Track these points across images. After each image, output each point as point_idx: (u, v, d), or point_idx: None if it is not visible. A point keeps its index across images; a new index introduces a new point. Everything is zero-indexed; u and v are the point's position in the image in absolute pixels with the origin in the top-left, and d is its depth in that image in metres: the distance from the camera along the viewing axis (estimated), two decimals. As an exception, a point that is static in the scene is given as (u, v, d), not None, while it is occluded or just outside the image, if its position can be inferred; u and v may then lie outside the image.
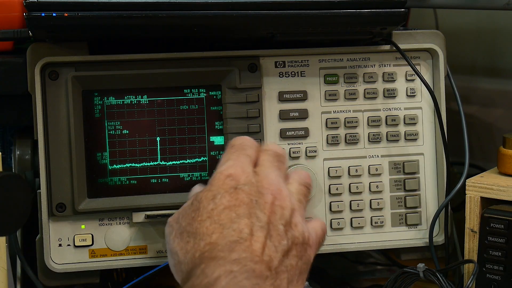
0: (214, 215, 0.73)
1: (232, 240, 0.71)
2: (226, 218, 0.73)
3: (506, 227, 0.91)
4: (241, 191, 0.75)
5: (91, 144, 0.94)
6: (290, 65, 0.99)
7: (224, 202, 0.74)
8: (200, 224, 0.73)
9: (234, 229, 0.72)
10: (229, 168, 0.78)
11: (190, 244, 0.73)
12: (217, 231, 0.72)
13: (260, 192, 0.75)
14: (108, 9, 0.87)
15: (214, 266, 0.68)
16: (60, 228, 0.95)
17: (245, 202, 0.74)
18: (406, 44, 1.00)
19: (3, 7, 0.97)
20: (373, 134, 1.00)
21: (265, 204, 0.74)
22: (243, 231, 0.71)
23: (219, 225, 0.72)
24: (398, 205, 1.01)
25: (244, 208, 0.73)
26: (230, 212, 0.73)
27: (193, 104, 0.96)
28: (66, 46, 0.93)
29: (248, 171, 0.78)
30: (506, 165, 0.97)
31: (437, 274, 0.90)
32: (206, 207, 0.74)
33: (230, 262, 0.68)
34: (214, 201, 0.75)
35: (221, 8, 0.88)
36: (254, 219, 0.73)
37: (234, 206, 0.74)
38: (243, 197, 0.74)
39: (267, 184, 0.77)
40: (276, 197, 0.76)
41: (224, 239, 0.71)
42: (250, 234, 0.71)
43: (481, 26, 1.41)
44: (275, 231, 0.73)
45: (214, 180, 0.77)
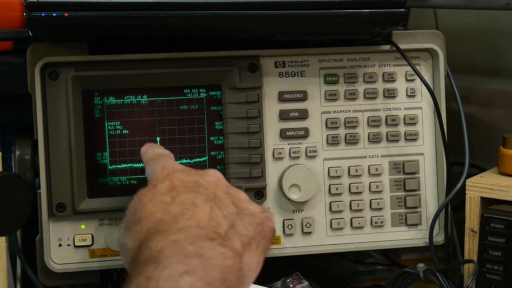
0: (156, 198, 0.71)
1: (177, 213, 0.68)
2: (168, 197, 0.71)
3: (506, 227, 0.91)
4: (180, 174, 0.74)
5: (91, 144, 0.94)
6: (290, 65, 0.99)
7: (164, 186, 0.72)
8: (143, 209, 0.71)
9: (177, 202, 0.70)
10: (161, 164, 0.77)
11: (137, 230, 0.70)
12: (160, 209, 0.69)
13: (200, 175, 0.74)
14: (108, 9, 0.87)
15: (158, 239, 0.65)
16: (60, 228, 0.95)
17: (185, 183, 0.72)
18: (406, 44, 1.00)
19: (3, 7, 0.97)
20: (373, 134, 1.00)
21: (208, 184, 0.73)
22: (185, 203, 0.69)
23: (161, 203, 0.70)
24: (398, 205, 1.01)
25: (185, 187, 0.72)
26: (171, 192, 0.71)
27: (193, 104, 0.96)
28: (66, 46, 0.93)
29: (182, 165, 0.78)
30: (506, 165, 0.97)
31: (437, 274, 0.90)
32: (146, 194, 0.72)
33: (173, 232, 0.66)
34: (154, 188, 0.72)
35: (221, 8, 0.88)
36: (196, 193, 0.71)
37: (175, 186, 0.72)
38: (183, 179, 0.73)
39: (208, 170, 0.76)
40: (219, 178, 0.75)
41: (168, 214, 0.69)
42: (194, 205, 0.69)
43: (481, 26, 1.41)
44: (222, 202, 0.72)
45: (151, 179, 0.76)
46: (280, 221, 0.99)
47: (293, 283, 0.97)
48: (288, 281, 0.98)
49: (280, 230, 0.99)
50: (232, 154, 0.96)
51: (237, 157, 0.96)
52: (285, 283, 0.98)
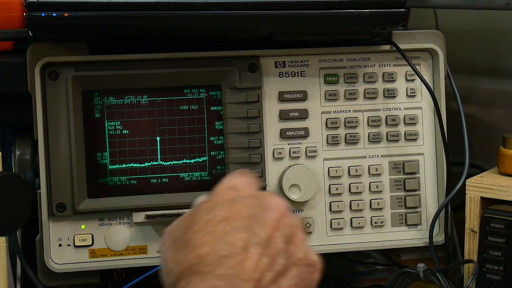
0: (209, 226, 0.69)
1: (222, 255, 0.66)
2: (221, 230, 0.68)
3: (506, 227, 0.91)
4: (242, 203, 0.70)
5: (91, 144, 0.94)
6: (290, 65, 0.99)
7: (223, 213, 0.69)
8: (194, 235, 0.69)
9: (227, 242, 0.67)
10: (232, 180, 0.73)
11: (180, 255, 0.69)
12: (209, 243, 0.67)
13: (263, 207, 0.70)
14: (108, 9, 0.87)
15: (198, 282, 0.64)
16: (60, 228, 0.95)
17: (244, 215, 0.69)
18: (406, 44, 1.00)
19: (3, 7, 0.97)
20: (373, 134, 1.00)
21: (268, 220, 0.69)
22: (236, 245, 0.67)
23: (212, 237, 0.68)
24: (398, 205, 1.01)
25: (242, 222, 0.68)
26: (227, 224, 0.68)
27: (193, 104, 0.96)
28: (66, 46, 0.93)
29: (252, 186, 0.73)
30: (506, 165, 0.97)
31: (437, 274, 0.90)
32: (202, 217, 0.70)
33: (215, 277, 0.64)
34: (211, 212, 0.70)
35: (221, 8, 0.88)
36: (250, 234, 0.68)
37: (232, 218, 0.69)
38: (242, 210, 0.69)
39: (274, 201, 0.71)
40: (282, 215, 0.70)
41: (214, 253, 0.67)
42: (244, 249, 0.67)
43: (481, 26, 1.41)
44: (274, 249, 0.68)
45: (215, 191, 0.73)
46: (280, 221, 0.98)
47: (293, 283, 0.97)
48: (288, 281, 0.97)
49: (280, 230, 0.99)
50: (232, 154, 0.96)
51: (237, 157, 0.96)
52: (285, 283, 0.97)
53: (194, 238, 0.68)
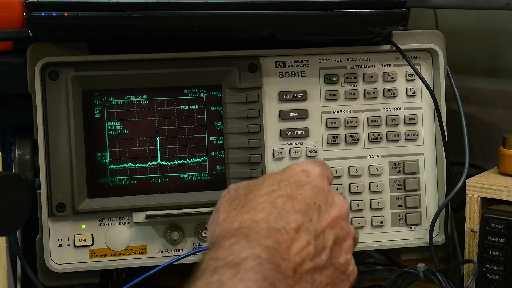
0: (272, 196, 0.70)
1: (274, 227, 0.67)
2: (281, 204, 0.69)
3: (506, 227, 0.91)
4: (309, 190, 0.71)
5: (91, 144, 0.94)
6: (290, 65, 0.99)
7: (288, 190, 0.70)
8: (255, 198, 0.70)
9: (282, 217, 0.68)
10: (308, 165, 0.74)
11: (235, 211, 0.70)
12: (265, 211, 0.68)
13: (328, 202, 0.71)
14: (108, 9, 0.87)
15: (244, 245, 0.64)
16: (60, 228, 0.95)
17: (307, 201, 0.70)
18: (406, 44, 1.00)
19: (3, 7, 0.97)
20: (373, 134, 1.00)
21: (326, 215, 0.70)
22: (290, 224, 0.67)
23: (271, 206, 0.69)
24: (398, 205, 1.01)
25: (303, 205, 0.69)
26: (288, 201, 0.69)
27: (193, 104, 0.96)
28: (66, 46, 0.93)
29: (324, 181, 0.74)
30: (506, 165, 0.97)
31: (437, 274, 0.90)
32: (269, 185, 0.71)
33: (261, 246, 0.64)
34: (279, 184, 0.71)
35: (221, 8, 0.88)
36: (307, 219, 0.68)
37: (295, 199, 0.69)
38: (308, 195, 0.70)
39: (340, 201, 0.72)
40: (341, 216, 0.71)
41: (267, 223, 0.67)
42: (295, 230, 0.67)
43: (481, 26, 1.41)
44: (322, 242, 0.69)
45: (288, 169, 0.74)
46: (280, 221, 0.98)
47: (293, 283, 0.97)
48: (288, 281, 0.97)
49: (280, 230, 0.99)
50: (232, 154, 0.96)
51: (237, 157, 0.96)
52: (285, 283, 0.97)
53: (254, 200, 0.70)
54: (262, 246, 0.65)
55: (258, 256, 0.63)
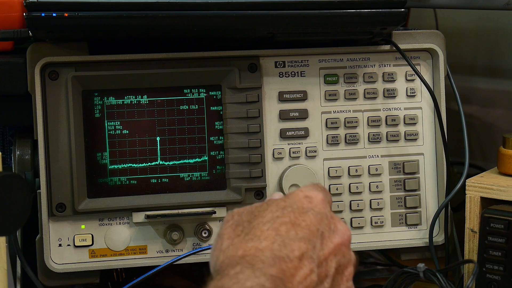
0: (276, 223, 0.70)
1: (278, 255, 0.67)
2: (285, 232, 0.69)
3: (506, 227, 0.91)
4: (312, 216, 0.71)
5: (91, 144, 0.94)
6: (290, 65, 0.99)
7: (291, 217, 0.71)
8: (259, 225, 0.70)
9: (287, 245, 0.68)
10: (310, 191, 0.75)
11: (239, 238, 0.70)
12: (270, 239, 0.69)
13: (330, 228, 0.72)
14: (108, 9, 0.87)
15: (249, 275, 0.65)
16: (60, 228, 0.95)
17: (310, 228, 0.70)
18: (406, 44, 1.00)
19: (3, 7, 0.97)
20: (373, 134, 1.00)
21: (329, 242, 0.71)
22: (294, 252, 0.68)
23: (275, 234, 0.69)
24: (398, 205, 1.01)
25: (306, 233, 0.70)
26: (292, 229, 0.70)
27: (193, 104, 0.96)
28: (66, 46, 0.93)
29: (326, 207, 0.74)
30: (506, 165, 0.97)
31: (437, 274, 0.90)
32: (273, 211, 0.72)
33: (266, 276, 0.65)
34: (282, 211, 0.71)
35: (221, 8, 0.88)
36: (310, 246, 0.69)
37: (299, 226, 0.70)
38: (311, 222, 0.71)
39: (342, 228, 0.73)
40: (344, 243, 0.72)
41: (271, 251, 0.68)
42: (299, 259, 0.68)
43: (481, 26, 1.41)
44: (325, 270, 0.70)
45: (291, 194, 0.75)
46: (280, 221, 0.99)
47: (293, 283, 0.97)
48: (288, 281, 0.97)
49: (280, 230, 0.99)
50: (232, 154, 0.96)
51: (237, 157, 0.96)
52: (285, 283, 0.97)
53: (258, 228, 0.70)
54: (267, 276, 0.65)
55: (263, 285, 0.64)
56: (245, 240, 0.70)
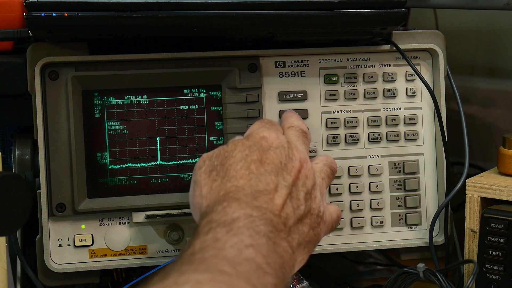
0: (247, 161, 0.78)
1: (258, 189, 0.75)
2: (256, 169, 0.77)
3: (506, 227, 0.91)
4: (273, 152, 0.79)
5: (91, 144, 0.94)
6: (290, 65, 0.99)
7: (258, 155, 0.78)
8: (232, 166, 0.78)
9: (261, 180, 0.76)
10: (263, 132, 0.82)
11: (216, 183, 0.77)
12: (245, 177, 0.76)
13: (290, 157, 0.79)
14: (108, 9, 0.87)
15: (236, 207, 0.72)
16: (60, 228, 0.95)
17: (275, 162, 0.78)
18: (406, 44, 1.00)
19: (3, 7, 0.97)
20: (373, 134, 1.00)
21: (293, 168, 0.78)
22: (269, 184, 0.76)
23: (248, 172, 0.77)
24: (398, 205, 1.01)
25: (273, 167, 0.77)
26: (261, 166, 0.77)
27: (193, 104, 0.96)
28: (66, 46, 0.93)
29: (280, 138, 0.81)
30: (506, 165, 0.97)
31: (437, 274, 0.90)
32: (241, 151, 0.79)
33: (251, 207, 0.72)
34: (249, 149, 0.79)
35: (221, 8, 0.88)
36: (280, 178, 0.77)
37: (265, 163, 0.78)
38: (273, 158, 0.78)
39: (297, 152, 0.80)
40: (302, 166, 0.80)
41: (250, 187, 0.75)
42: (275, 189, 0.76)
43: (481, 26, 1.41)
44: (296, 195, 0.77)
45: (250, 136, 0.81)
46: (280, 221, 0.98)
47: (293, 283, 0.97)
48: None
49: (280, 230, 0.98)
50: (232, 154, 0.96)
51: (237, 157, 0.96)
52: (285, 283, 0.97)
53: (232, 168, 0.78)
54: (252, 206, 0.72)
55: (250, 215, 0.71)
56: (223, 183, 0.76)
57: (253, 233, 0.69)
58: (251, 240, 0.68)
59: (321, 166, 0.86)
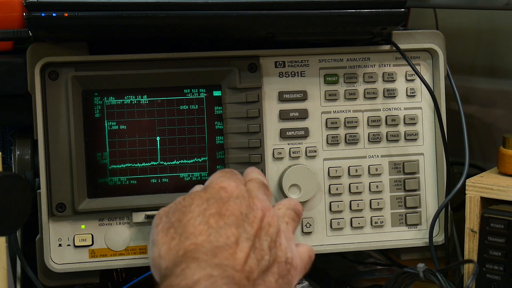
0: (205, 216, 0.75)
1: (217, 245, 0.72)
2: (215, 223, 0.74)
3: (506, 227, 0.91)
4: (233, 203, 0.76)
5: (91, 144, 0.94)
6: (290, 65, 0.99)
7: (216, 208, 0.75)
8: (190, 222, 0.74)
9: (221, 234, 0.73)
10: (223, 182, 0.79)
11: (175, 241, 0.74)
12: (204, 233, 0.73)
13: (251, 207, 0.77)
14: (108, 9, 0.87)
15: (195, 268, 0.68)
16: (60, 228, 0.95)
17: (235, 213, 0.75)
18: (406, 44, 1.00)
19: (3, 7, 0.97)
20: (373, 134, 1.00)
21: (254, 218, 0.76)
22: (230, 238, 0.73)
23: (207, 227, 0.73)
24: (398, 205, 1.01)
25: (233, 219, 0.75)
26: (220, 219, 0.74)
27: (193, 104, 0.96)
28: (66, 46, 0.93)
29: (240, 187, 0.79)
30: (506, 165, 0.97)
31: (437, 274, 0.90)
32: (199, 205, 0.76)
33: (212, 266, 0.69)
34: (207, 203, 0.76)
35: (221, 8, 0.88)
36: (241, 230, 0.74)
37: (224, 215, 0.75)
38: (233, 209, 0.76)
39: (258, 201, 0.78)
40: (265, 214, 0.77)
41: (209, 243, 0.72)
42: (236, 243, 0.72)
43: (481, 26, 1.41)
44: (260, 245, 0.74)
45: (209, 187, 0.79)
46: (280, 221, 0.98)
47: (293, 283, 0.97)
48: (288, 281, 0.97)
49: (280, 230, 0.99)
50: (232, 154, 0.96)
51: (237, 157, 0.96)
52: (285, 283, 0.97)
53: (190, 224, 0.74)
54: (212, 266, 0.69)
55: (211, 275, 0.67)
56: (181, 241, 0.73)
57: None
58: None
59: (284, 211, 0.83)
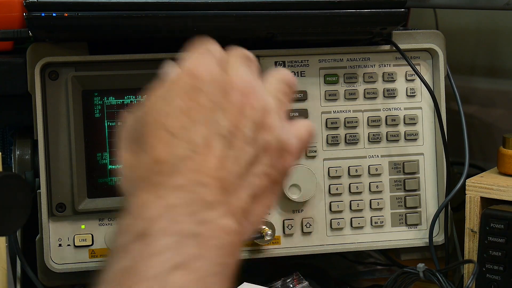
0: (162, 117, 0.58)
1: (181, 156, 0.55)
2: (178, 125, 0.57)
3: (506, 227, 0.91)
4: (202, 91, 0.58)
5: (91, 144, 0.94)
6: (290, 65, 0.99)
7: (180, 103, 0.58)
8: (147, 128, 0.58)
9: (185, 139, 0.56)
10: (189, 64, 0.62)
11: (136, 157, 0.58)
12: (163, 140, 0.56)
13: (226, 91, 0.59)
14: (108, 9, 0.87)
15: (152, 201, 0.54)
16: (60, 228, 0.95)
17: (205, 105, 0.58)
18: (406, 44, 1.00)
19: (3, 7, 0.97)
20: (373, 134, 1.00)
21: (231, 105, 0.58)
22: (196, 142, 0.56)
23: (167, 132, 0.56)
24: (398, 205, 1.01)
25: (202, 113, 0.57)
26: (184, 117, 0.57)
27: (193, 104, 0.96)
28: (66, 46, 0.93)
29: (213, 69, 0.61)
30: (506, 165, 0.97)
31: (437, 274, 0.90)
32: (158, 109, 0.59)
33: (172, 190, 0.54)
34: (165, 101, 0.59)
35: (221, 8, 0.88)
36: (213, 126, 0.57)
37: (190, 109, 0.57)
38: (203, 100, 0.58)
39: (237, 81, 0.60)
40: (246, 96, 0.59)
41: (171, 154, 0.56)
42: (205, 146, 0.56)
43: (481, 26, 1.41)
44: (240, 137, 0.58)
45: (176, 79, 0.62)
46: (280, 221, 0.99)
47: (293, 283, 0.97)
48: (288, 281, 0.98)
49: (280, 230, 0.99)
50: (232, 154, 0.96)
51: (237, 157, 0.96)
52: (285, 283, 0.98)
53: (148, 133, 0.57)
54: (172, 189, 0.54)
55: (172, 205, 0.53)
56: (142, 158, 0.57)
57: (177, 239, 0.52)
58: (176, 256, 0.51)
59: (275, 85, 0.64)
